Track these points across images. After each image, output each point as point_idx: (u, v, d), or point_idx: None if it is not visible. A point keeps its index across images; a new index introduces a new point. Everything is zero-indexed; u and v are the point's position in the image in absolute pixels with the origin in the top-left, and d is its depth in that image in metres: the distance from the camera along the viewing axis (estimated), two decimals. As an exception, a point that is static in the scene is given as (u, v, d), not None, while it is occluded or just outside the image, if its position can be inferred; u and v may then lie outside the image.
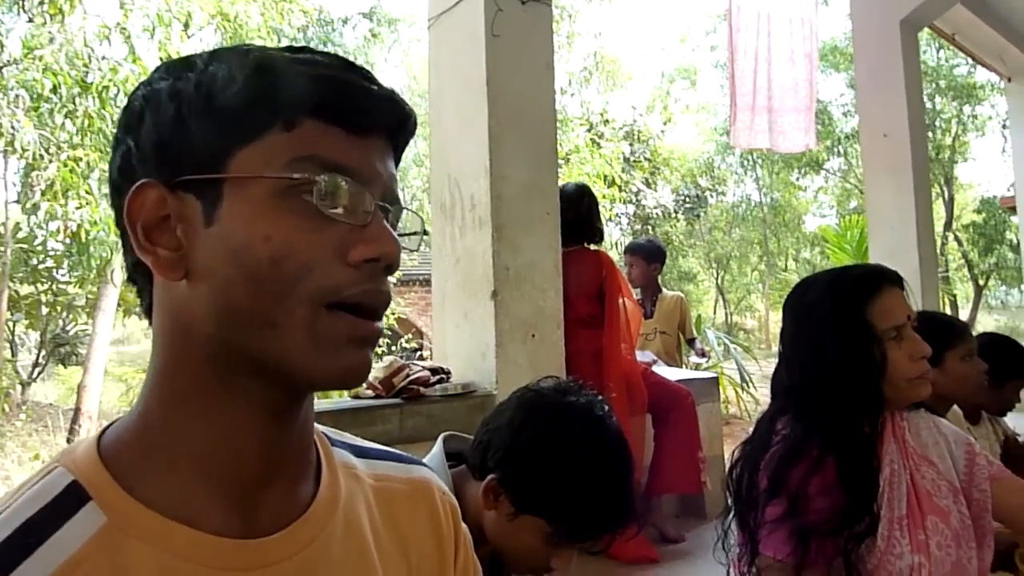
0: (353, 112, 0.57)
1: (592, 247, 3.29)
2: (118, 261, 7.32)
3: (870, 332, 1.43)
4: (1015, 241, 14.37)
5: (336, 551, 0.61)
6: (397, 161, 0.62)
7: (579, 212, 3.18)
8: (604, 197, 10.64)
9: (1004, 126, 14.65)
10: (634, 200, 15.12)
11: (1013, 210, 8.44)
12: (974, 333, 2.35)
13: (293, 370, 0.55)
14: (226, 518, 0.56)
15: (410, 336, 11.16)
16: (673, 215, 15.86)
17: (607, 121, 14.57)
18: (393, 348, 10.37)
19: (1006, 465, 2.45)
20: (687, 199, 16.44)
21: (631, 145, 14.99)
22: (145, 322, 0.61)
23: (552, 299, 2.87)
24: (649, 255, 4.44)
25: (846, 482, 1.41)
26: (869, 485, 1.43)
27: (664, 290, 4.57)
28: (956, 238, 17.50)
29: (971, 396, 2.25)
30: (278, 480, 0.59)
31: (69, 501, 0.53)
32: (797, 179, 21.22)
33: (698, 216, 17.02)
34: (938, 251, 12.30)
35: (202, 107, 0.56)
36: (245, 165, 0.55)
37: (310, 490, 0.62)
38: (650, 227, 15.56)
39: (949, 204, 17.44)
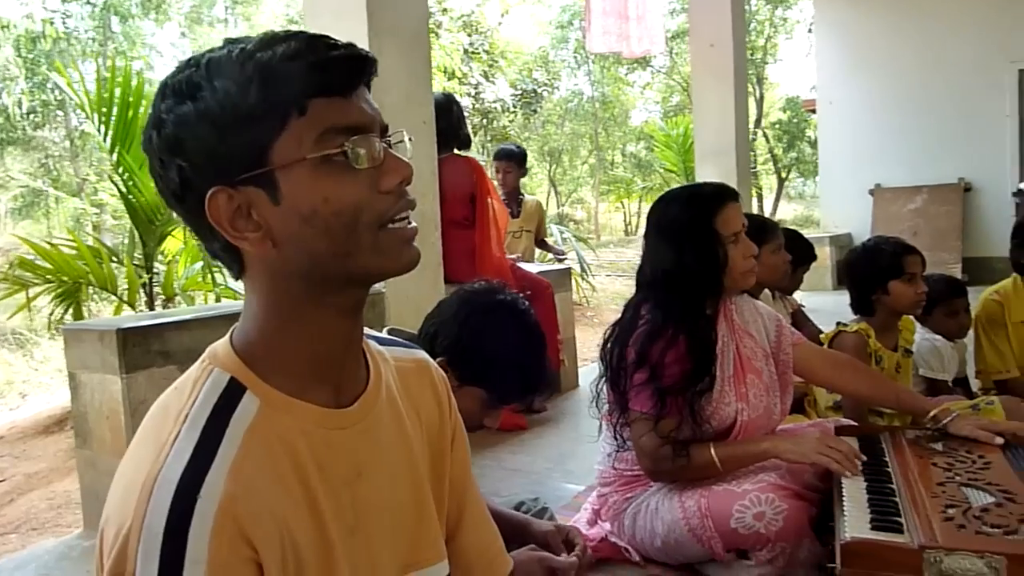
0: (341, 81, 0.74)
1: (462, 153, 3.56)
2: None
3: (716, 237, 1.86)
4: (813, 138, 15.96)
5: (384, 414, 0.88)
6: (370, 89, 0.79)
7: (450, 120, 3.42)
8: (444, 90, 10.67)
9: (810, 30, 15.94)
10: (473, 93, 15.17)
11: (814, 111, 9.44)
12: (776, 222, 2.91)
13: (370, 274, 0.79)
14: (325, 394, 0.81)
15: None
16: (511, 109, 16.09)
17: (445, 10, 14.34)
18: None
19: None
20: (524, 93, 16.68)
21: (469, 36, 14.89)
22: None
23: (430, 203, 3.13)
24: (521, 161, 4.79)
25: (693, 353, 1.86)
26: (709, 354, 1.89)
27: (525, 194, 4.96)
28: (764, 134, 19.08)
29: (779, 281, 2.81)
30: (350, 364, 0.85)
31: (235, 391, 0.77)
32: (626, 74, 22.00)
33: (535, 111, 17.37)
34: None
35: (231, 120, 0.71)
36: (284, 153, 0.72)
37: (364, 371, 0.88)
38: (488, 121, 15.74)
39: (759, 103, 18.88)
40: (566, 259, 5.27)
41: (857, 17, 8.34)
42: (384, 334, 1.03)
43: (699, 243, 1.86)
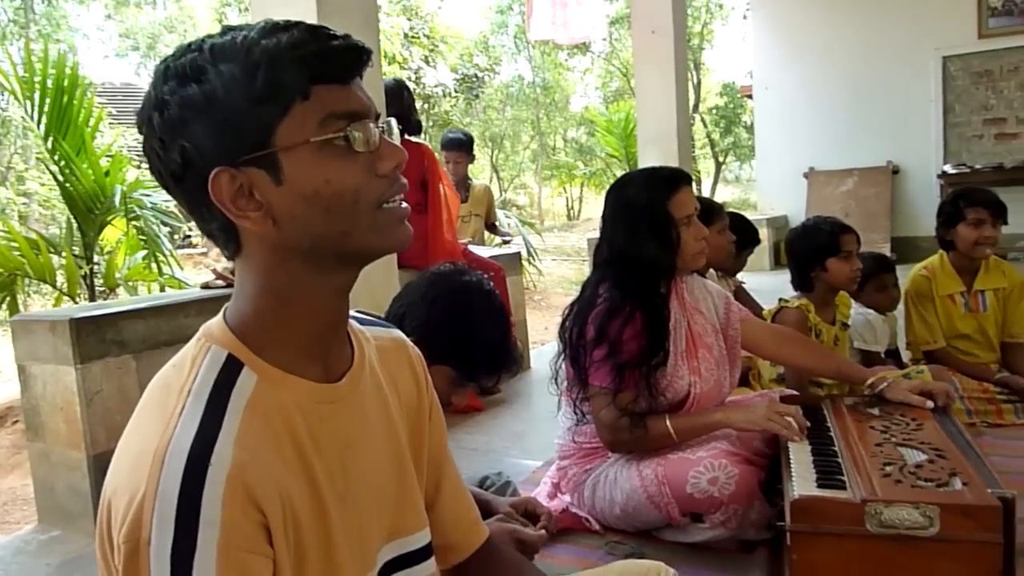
0: (341, 70, 0.77)
1: (413, 139, 3.58)
2: None
3: (671, 219, 1.94)
4: (749, 122, 16.34)
5: (368, 389, 0.92)
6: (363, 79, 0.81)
7: (401, 106, 3.43)
8: (385, 75, 10.57)
9: (745, 17, 16.26)
10: (414, 78, 15.08)
11: (751, 96, 9.68)
12: (721, 204, 3.03)
13: (369, 251, 0.82)
14: (316, 370, 0.85)
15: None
16: (453, 94, 16.05)
17: (384, -6, 14.18)
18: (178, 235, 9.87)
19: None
20: (465, 78, 16.65)
21: (410, 20, 14.79)
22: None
23: (383, 189, 3.15)
24: (470, 148, 4.84)
25: (649, 329, 1.94)
26: (663, 331, 1.98)
27: (472, 179, 5.01)
28: (702, 119, 19.44)
29: (724, 261, 2.93)
30: (338, 342, 0.89)
31: (233, 366, 0.80)
32: (566, 59, 22.11)
33: (477, 96, 17.35)
34: (687, 132, 13.70)
35: (237, 103, 0.74)
36: (288, 135, 0.75)
37: (349, 349, 0.92)
38: (430, 105, 15.67)
39: (697, 88, 19.19)
40: (511, 241, 5.34)
41: (790, 5, 8.58)
42: (365, 316, 1.06)
43: (654, 225, 1.94)
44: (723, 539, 1.90)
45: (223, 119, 0.74)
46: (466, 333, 1.52)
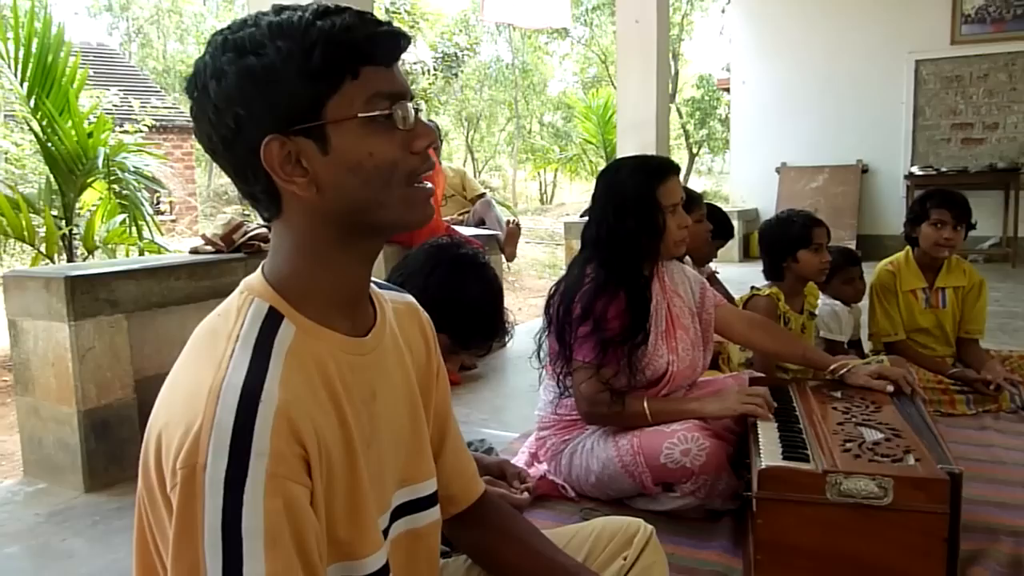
0: (387, 53, 0.84)
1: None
2: None
3: (658, 206, 2.04)
4: (724, 116, 16.57)
5: (389, 346, 1.01)
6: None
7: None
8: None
9: (723, 11, 16.41)
10: (394, 55, 14.96)
11: (727, 90, 9.81)
12: (700, 194, 3.14)
13: (395, 224, 0.91)
14: (346, 326, 0.94)
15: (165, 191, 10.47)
16: (432, 72, 16.00)
17: (367, -33, 14.04)
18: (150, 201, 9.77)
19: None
20: (445, 56, 16.60)
21: (390, -5, 14.69)
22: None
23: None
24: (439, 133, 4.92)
25: (632, 309, 2.05)
26: (645, 311, 2.09)
27: (442, 162, 5.08)
28: (678, 110, 19.60)
29: (700, 249, 3.04)
30: (363, 302, 0.99)
31: (275, 317, 0.88)
32: (546, 43, 22.13)
33: (456, 75, 17.30)
34: (664, 122, 13.80)
35: (294, 77, 0.80)
36: (337, 110, 0.81)
37: (371, 308, 1.01)
38: (408, 82, 15.58)
39: (674, 79, 19.34)
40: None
41: (770, 1, 8.72)
42: (382, 281, 1.14)
43: (642, 210, 2.04)
44: (691, 508, 2.02)
45: (278, 91, 0.81)
46: (462, 302, 1.60)
